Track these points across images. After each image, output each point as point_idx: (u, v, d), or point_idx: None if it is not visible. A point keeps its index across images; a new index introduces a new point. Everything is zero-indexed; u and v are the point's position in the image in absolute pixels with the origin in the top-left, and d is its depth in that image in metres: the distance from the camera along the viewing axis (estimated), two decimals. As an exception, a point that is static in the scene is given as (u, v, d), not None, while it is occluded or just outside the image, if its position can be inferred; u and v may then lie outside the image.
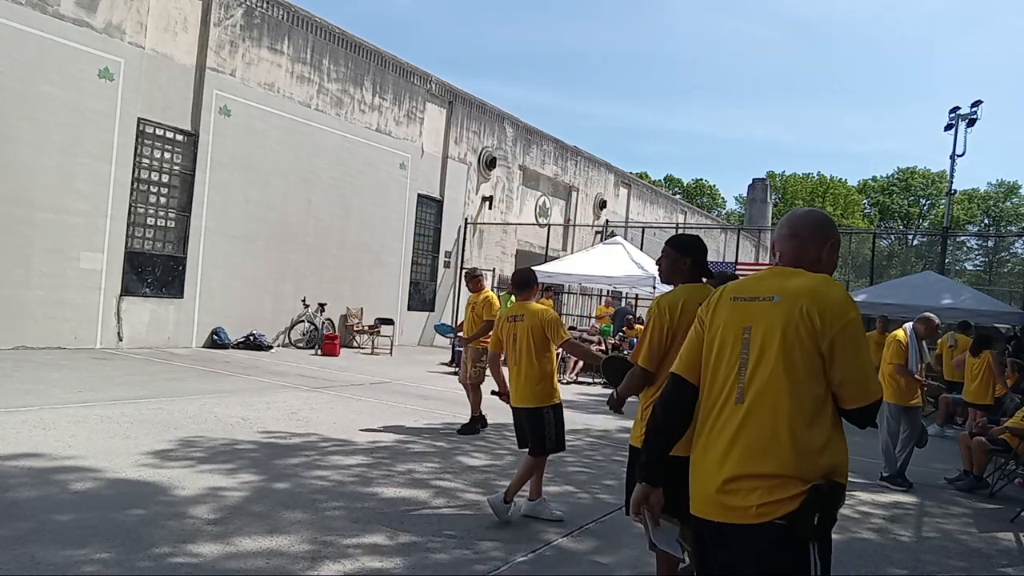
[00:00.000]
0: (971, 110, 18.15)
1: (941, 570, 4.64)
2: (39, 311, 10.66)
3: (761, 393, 2.01)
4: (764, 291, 2.11)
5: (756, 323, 2.07)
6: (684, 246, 3.53)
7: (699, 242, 3.57)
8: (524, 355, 4.86)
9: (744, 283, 2.24)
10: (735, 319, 2.13)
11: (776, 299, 2.06)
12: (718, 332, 2.15)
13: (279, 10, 14.11)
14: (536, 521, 4.80)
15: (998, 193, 58.93)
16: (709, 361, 2.17)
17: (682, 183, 65.31)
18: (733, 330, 2.11)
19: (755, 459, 1.97)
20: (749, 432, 2.00)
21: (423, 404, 9.24)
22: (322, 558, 3.83)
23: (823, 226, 2.20)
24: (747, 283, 2.22)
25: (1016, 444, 6.79)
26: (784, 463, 1.95)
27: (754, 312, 2.09)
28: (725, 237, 33.56)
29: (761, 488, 1.94)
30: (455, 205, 19.34)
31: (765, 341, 2.03)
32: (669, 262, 3.54)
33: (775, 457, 1.96)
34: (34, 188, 10.52)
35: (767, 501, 1.93)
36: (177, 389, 8.62)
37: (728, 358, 2.10)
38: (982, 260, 50.19)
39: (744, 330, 2.09)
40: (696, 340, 2.24)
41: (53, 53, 10.59)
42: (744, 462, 1.99)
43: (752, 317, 2.09)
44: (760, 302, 2.10)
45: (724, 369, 2.11)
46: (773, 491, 1.93)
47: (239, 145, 13.36)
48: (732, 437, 2.03)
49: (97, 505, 4.32)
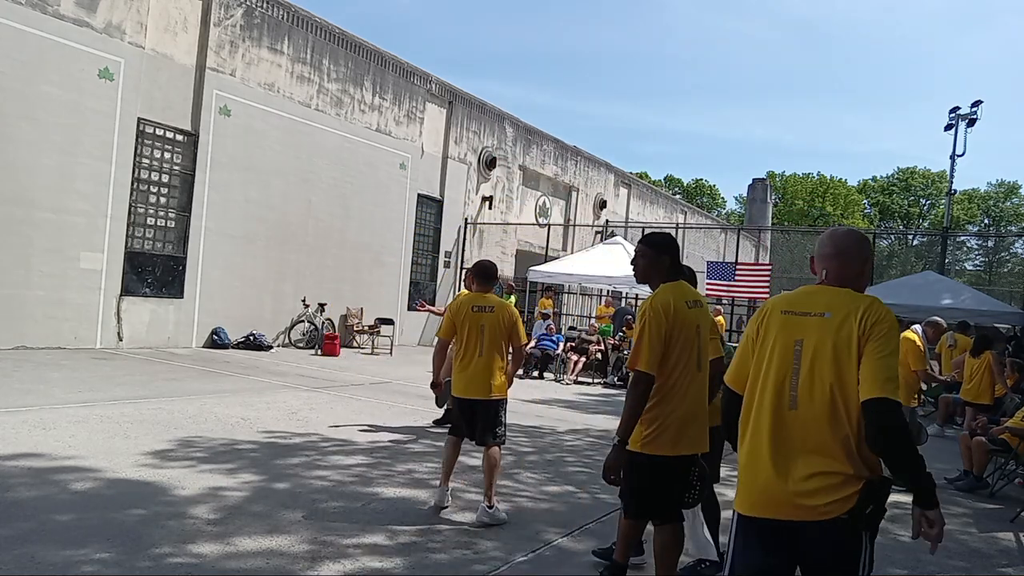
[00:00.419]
0: (971, 110, 18.16)
1: (941, 570, 4.64)
2: (39, 311, 10.66)
3: (816, 401, 2.20)
4: (816, 307, 2.31)
5: (808, 336, 2.27)
6: (662, 245, 3.54)
7: (673, 240, 3.61)
8: (489, 346, 4.79)
9: (793, 298, 2.41)
10: (786, 332, 2.31)
11: (827, 315, 2.27)
12: (770, 343, 2.34)
13: (279, 10, 14.11)
14: (536, 521, 4.80)
15: (998, 193, 58.93)
16: (760, 370, 2.34)
17: (682, 183, 65.32)
18: (784, 342, 2.30)
19: (815, 461, 2.18)
20: (806, 437, 2.20)
21: (423, 404, 9.23)
22: (322, 558, 3.83)
23: (863, 245, 2.42)
24: (797, 299, 2.39)
25: (1016, 444, 6.79)
26: (841, 464, 2.15)
27: (806, 326, 2.29)
28: (725, 237, 33.56)
29: (824, 488, 2.15)
30: (455, 205, 19.34)
31: (817, 353, 2.23)
32: (647, 262, 3.54)
33: (832, 459, 2.16)
34: (34, 188, 10.52)
35: (832, 500, 2.14)
36: (177, 389, 8.62)
37: (780, 368, 2.29)
38: (982, 260, 50.21)
39: (796, 342, 2.28)
40: (747, 352, 2.42)
41: (53, 53, 10.59)
42: (806, 464, 2.18)
43: (804, 331, 2.29)
44: (812, 317, 2.29)
45: (776, 378, 2.29)
46: (835, 490, 2.14)
47: (239, 145, 13.36)
48: (789, 441, 2.23)
49: (97, 505, 4.32)
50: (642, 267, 3.56)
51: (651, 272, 3.52)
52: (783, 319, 2.34)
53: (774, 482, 2.21)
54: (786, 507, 2.20)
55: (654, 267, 3.51)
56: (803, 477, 2.18)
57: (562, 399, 10.96)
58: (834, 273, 2.36)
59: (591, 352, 14.52)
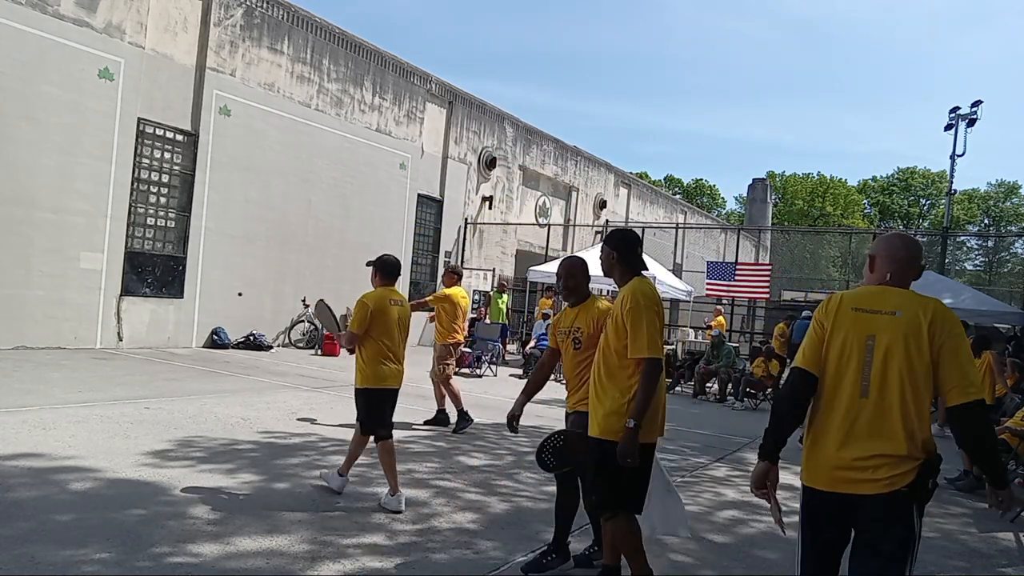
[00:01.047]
0: (971, 110, 18.14)
1: (941, 570, 4.64)
2: (39, 311, 10.66)
3: (886, 390, 2.49)
4: (886, 306, 2.57)
5: (879, 333, 2.53)
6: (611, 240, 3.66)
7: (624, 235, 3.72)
8: (403, 340, 5.11)
9: (862, 296, 2.64)
10: (859, 327, 2.57)
11: (898, 314, 2.53)
12: (842, 336, 2.59)
13: (279, 10, 14.11)
14: (536, 521, 4.80)
15: (998, 193, 58.95)
16: (830, 359, 2.60)
17: (682, 183, 65.32)
18: (857, 336, 2.56)
19: (882, 442, 2.47)
20: (874, 422, 2.50)
21: (423, 404, 9.23)
22: (322, 558, 3.83)
23: (920, 250, 2.74)
24: (866, 297, 2.63)
25: (1016, 444, 6.79)
26: (903, 446, 2.46)
27: (877, 323, 2.54)
28: (725, 237, 33.57)
29: (887, 464, 2.46)
30: (455, 205, 19.34)
31: (889, 349, 2.50)
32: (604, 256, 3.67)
33: (896, 442, 2.46)
34: (34, 188, 10.52)
35: (894, 474, 2.45)
36: (177, 389, 8.62)
37: (853, 359, 2.55)
38: (982, 260, 50.19)
39: (868, 337, 2.54)
40: (817, 340, 2.66)
41: (53, 53, 10.59)
42: (874, 444, 2.48)
43: (875, 327, 2.54)
44: (883, 315, 2.55)
45: (850, 369, 2.55)
46: (895, 466, 2.45)
47: (239, 145, 13.37)
48: (860, 424, 2.52)
49: (97, 505, 4.33)
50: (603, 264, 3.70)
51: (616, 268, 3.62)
52: (854, 315, 2.59)
53: (841, 460, 2.51)
54: (850, 482, 2.50)
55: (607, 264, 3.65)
56: (868, 456, 2.47)
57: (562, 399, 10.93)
58: (899, 276, 2.64)
59: (591, 352, 14.51)
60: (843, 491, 2.51)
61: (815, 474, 2.60)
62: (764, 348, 13.36)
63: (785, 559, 4.53)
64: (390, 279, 5.20)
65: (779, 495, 2.74)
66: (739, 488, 6.09)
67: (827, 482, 2.55)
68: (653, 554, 4.37)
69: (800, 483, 2.66)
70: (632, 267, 3.58)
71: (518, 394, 4.22)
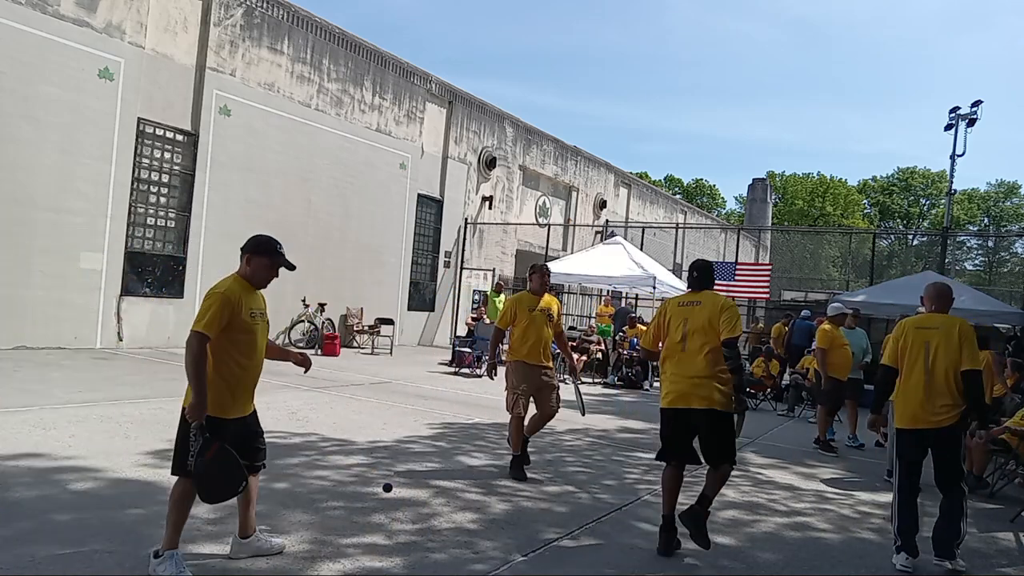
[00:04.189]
0: (971, 110, 18.11)
1: (941, 570, 4.64)
2: (39, 311, 10.66)
3: (937, 371, 4.55)
4: (933, 324, 4.71)
5: (931, 340, 4.63)
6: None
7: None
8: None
9: (920, 319, 4.86)
10: (920, 337, 4.68)
11: (940, 328, 4.65)
12: (911, 343, 4.67)
13: (279, 10, 14.11)
14: (535, 521, 4.80)
15: (998, 193, 58.92)
16: (907, 356, 4.68)
17: (682, 183, 65.30)
18: (920, 343, 4.66)
19: (941, 398, 4.53)
20: (934, 387, 4.55)
21: (423, 404, 9.24)
22: (322, 558, 3.83)
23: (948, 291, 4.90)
24: (923, 319, 4.83)
25: (1016, 444, 6.78)
26: (953, 399, 4.52)
27: (930, 335, 4.65)
28: (725, 237, 33.57)
29: (945, 409, 4.52)
30: (455, 205, 19.34)
31: (938, 348, 4.58)
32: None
33: (949, 396, 4.53)
34: (34, 188, 10.52)
35: (950, 415, 4.52)
36: (177, 389, 8.58)
37: (920, 355, 4.63)
38: (982, 260, 50.21)
39: (926, 343, 4.64)
40: (894, 348, 4.76)
41: (53, 53, 10.59)
42: (937, 399, 4.53)
43: (929, 337, 4.64)
44: (932, 330, 4.66)
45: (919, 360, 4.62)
46: (950, 411, 4.52)
47: (239, 145, 13.37)
48: (927, 389, 4.57)
49: (97, 505, 4.33)
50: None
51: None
52: (916, 331, 4.70)
53: (921, 409, 4.58)
54: (926, 422, 4.57)
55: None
56: (937, 407, 4.53)
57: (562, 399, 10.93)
58: (939, 307, 4.81)
59: (591, 352, 14.52)
60: (922, 427, 4.59)
61: (904, 419, 4.66)
62: (764, 348, 13.36)
63: (785, 559, 4.53)
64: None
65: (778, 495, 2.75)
66: (739, 488, 6.09)
67: (912, 423, 4.62)
68: (652, 554, 4.38)
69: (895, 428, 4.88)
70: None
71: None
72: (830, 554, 4.71)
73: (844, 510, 5.84)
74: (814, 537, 5.03)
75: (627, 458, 7.11)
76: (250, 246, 3.86)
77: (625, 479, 6.24)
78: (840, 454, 8.35)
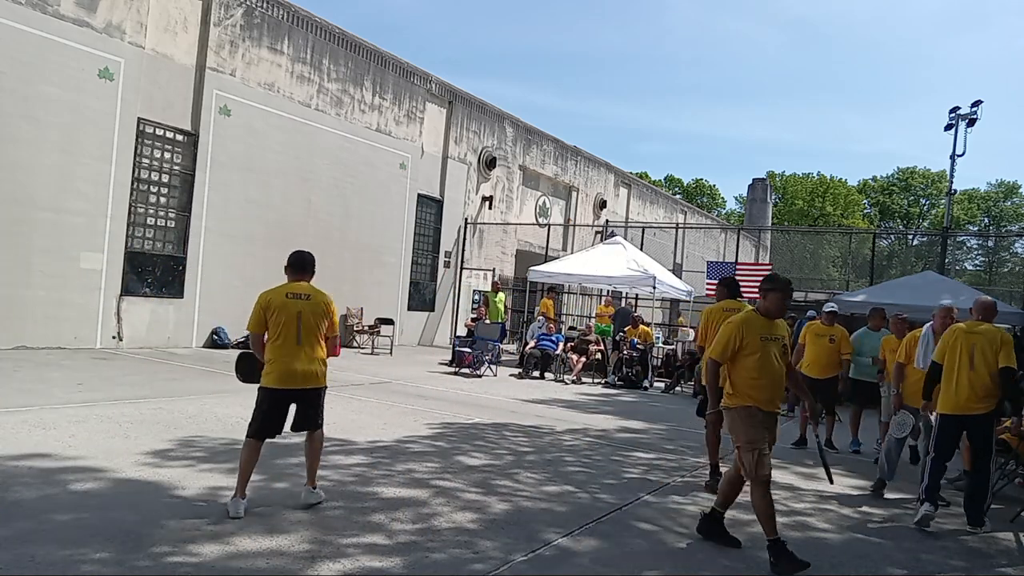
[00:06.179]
0: (971, 110, 18.11)
1: (941, 570, 4.64)
2: (39, 311, 10.66)
3: (979, 367, 5.52)
4: (978, 330, 5.69)
5: (977, 342, 5.59)
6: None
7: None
8: (314, 334, 4.70)
9: (969, 325, 5.77)
10: (968, 339, 5.64)
11: (985, 334, 5.63)
12: (959, 344, 5.63)
13: (279, 10, 14.11)
14: (535, 521, 4.80)
15: (998, 193, 58.91)
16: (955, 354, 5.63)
17: (682, 183, 65.30)
18: (967, 344, 5.62)
19: (982, 389, 5.52)
20: (976, 381, 5.52)
21: (423, 404, 9.24)
22: (322, 558, 3.83)
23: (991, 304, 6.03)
24: (971, 325, 5.76)
25: (1016, 444, 6.78)
26: (990, 391, 5.53)
27: (975, 338, 5.62)
28: (725, 237, 33.56)
29: (984, 399, 5.53)
30: (455, 205, 19.34)
31: (982, 349, 5.55)
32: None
33: (987, 389, 5.52)
34: (34, 188, 10.52)
35: (987, 403, 5.54)
36: (177, 389, 8.63)
37: (965, 354, 5.58)
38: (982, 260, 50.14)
39: (971, 344, 5.59)
40: (943, 348, 5.77)
41: (53, 53, 10.59)
42: (978, 389, 5.52)
43: (975, 339, 5.62)
44: (977, 334, 5.64)
45: (965, 358, 5.57)
46: (987, 400, 5.54)
47: (239, 145, 13.36)
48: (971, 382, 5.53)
49: (97, 505, 4.33)
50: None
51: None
52: (965, 335, 5.65)
53: (964, 398, 5.53)
54: (966, 409, 5.54)
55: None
56: (976, 397, 5.51)
57: (562, 399, 10.95)
58: (983, 316, 5.85)
59: (591, 352, 14.52)
60: (962, 414, 5.56)
61: (947, 406, 5.61)
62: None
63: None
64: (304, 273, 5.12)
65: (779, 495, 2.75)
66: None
67: (954, 409, 5.58)
68: (653, 554, 4.38)
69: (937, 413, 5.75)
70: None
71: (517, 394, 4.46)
72: (830, 554, 4.71)
73: (844, 510, 5.84)
74: (814, 537, 5.03)
75: (627, 458, 7.11)
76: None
77: (625, 479, 6.24)
78: (840, 454, 8.35)
